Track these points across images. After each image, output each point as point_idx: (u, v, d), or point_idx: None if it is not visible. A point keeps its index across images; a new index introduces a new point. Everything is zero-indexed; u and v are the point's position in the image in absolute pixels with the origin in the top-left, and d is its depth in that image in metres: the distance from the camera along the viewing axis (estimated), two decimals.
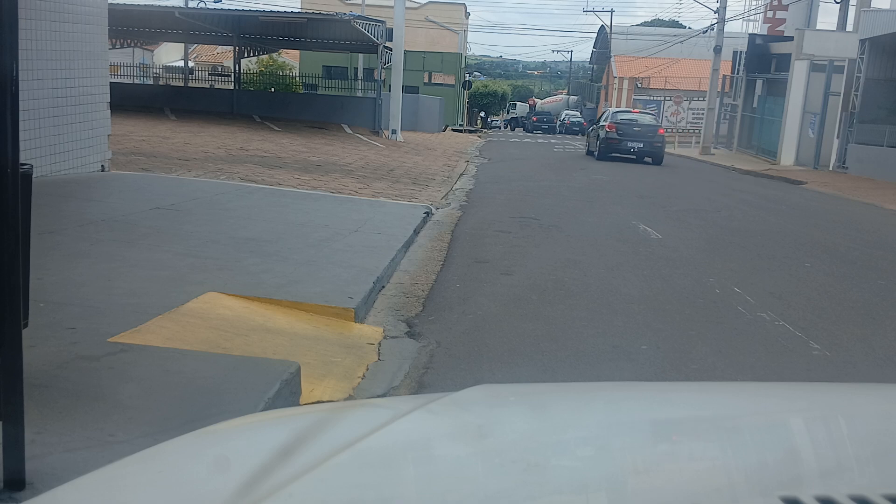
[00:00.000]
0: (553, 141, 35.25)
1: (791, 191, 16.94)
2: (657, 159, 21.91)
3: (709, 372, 4.30)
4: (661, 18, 71.99)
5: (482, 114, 55.78)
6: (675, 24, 64.06)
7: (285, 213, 7.78)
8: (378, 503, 0.80)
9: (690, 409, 1.18)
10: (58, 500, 0.89)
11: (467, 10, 49.16)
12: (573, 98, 59.63)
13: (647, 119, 23.34)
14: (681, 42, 42.82)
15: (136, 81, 32.29)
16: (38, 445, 2.43)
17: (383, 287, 5.66)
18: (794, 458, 0.95)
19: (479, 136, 35.60)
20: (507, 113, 59.76)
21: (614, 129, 21.76)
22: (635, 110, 26.64)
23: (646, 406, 1.19)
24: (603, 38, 54.06)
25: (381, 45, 23.77)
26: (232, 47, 29.12)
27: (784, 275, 6.94)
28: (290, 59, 42.64)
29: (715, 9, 29.87)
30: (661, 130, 22.85)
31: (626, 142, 21.50)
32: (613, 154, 21.87)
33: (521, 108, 57.38)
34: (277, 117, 24.46)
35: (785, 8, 29.50)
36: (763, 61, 28.47)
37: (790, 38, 25.13)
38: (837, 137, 22.57)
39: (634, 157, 21.59)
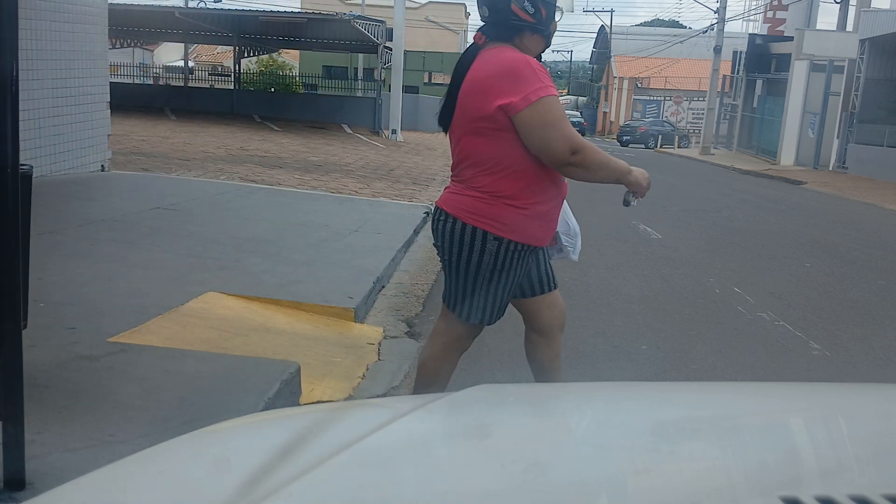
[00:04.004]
0: None
1: (791, 191, 16.94)
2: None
3: (709, 372, 4.30)
4: (661, 18, 71.97)
5: None
6: (675, 24, 64.04)
7: (285, 213, 7.79)
8: (378, 503, 0.80)
9: (690, 409, 1.18)
10: (58, 500, 0.89)
11: (467, 10, 49.14)
12: (582, 99, 59.50)
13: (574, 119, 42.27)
14: (681, 42, 42.81)
15: (136, 81, 32.31)
16: (38, 445, 2.43)
17: (383, 287, 5.66)
18: (794, 458, 0.95)
19: None
20: None
21: None
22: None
23: (646, 406, 1.19)
24: (603, 38, 54.04)
25: (381, 45, 23.76)
26: (232, 47, 29.13)
27: (784, 275, 6.94)
28: (290, 59, 42.63)
29: (715, 9, 29.88)
30: (585, 123, 42.87)
31: None
32: None
33: None
34: (277, 117, 24.47)
35: (785, 8, 29.49)
36: (763, 61, 28.47)
37: (790, 38, 25.12)
38: (837, 137, 22.58)
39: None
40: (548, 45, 2.72)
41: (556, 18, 2.70)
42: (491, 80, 2.53)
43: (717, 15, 29.74)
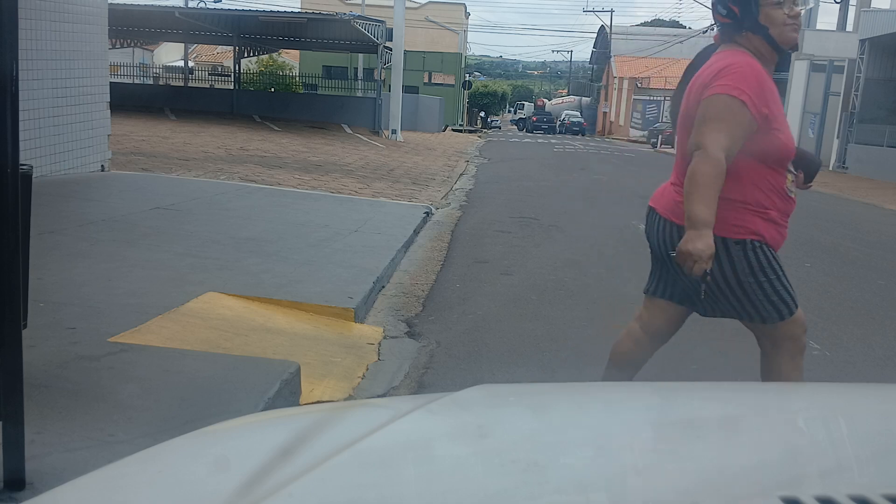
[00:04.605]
0: (553, 141, 35.26)
1: None
2: (552, 131, 46.27)
3: (709, 372, 4.30)
4: (661, 18, 71.99)
5: (482, 114, 55.82)
6: (675, 24, 64.08)
7: (285, 213, 7.79)
8: (378, 503, 0.80)
9: (690, 409, 1.18)
10: (58, 500, 0.89)
11: (467, 10, 49.20)
12: (586, 99, 59.46)
13: (550, 114, 50.17)
14: (681, 42, 42.81)
15: (136, 81, 32.30)
16: (38, 445, 2.43)
17: (383, 287, 5.66)
18: (794, 458, 0.95)
19: (479, 136, 35.60)
20: (514, 113, 59.82)
21: (535, 119, 49.10)
22: (546, 108, 54.17)
23: (646, 406, 1.19)
24: (603, 38, 54.05)
25: (381, 45, 23.77)
26: (232, 47, 29.13)
27: None
28: (290, 59, 42.63)
29: None
30: (556, 120, 48.28)
31: (540, 124, 47.32)
32: (534, 130, 46.62)
33: (529, 109, 57.42)
34: (277, 117, 24.46)
35: None
36: None
37: None
38: (837, 137, 22.59)
39: (542, 130, 46.34)
40: (773, 42, 2.61)
41: (797, 8, 2.63)
42: (707, 78, 2.53)
43: None
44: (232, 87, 28.72)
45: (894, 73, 21.51)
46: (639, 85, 47.13)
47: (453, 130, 38.08)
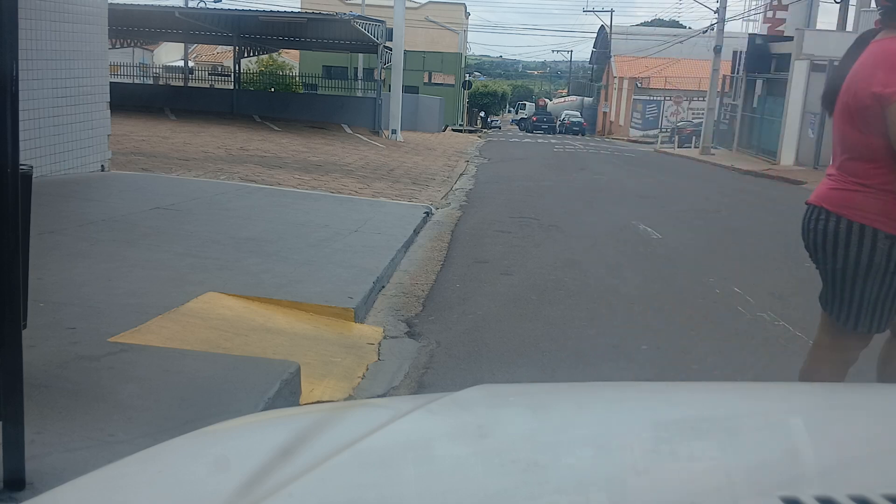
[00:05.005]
0: (553, 141, 35.25)
1: (791, 191, 16.93)
2: (552, 131, 45.61)
3: (709, 372, 4.30)
4: (661, 18, 71.98)
5: (482, 114, 55.82)
6: (675, 24, 64.07)
7: (285, 213, 7.79)
8: (378, 503, 0.80)
9: (690, 409, 1.18)
10: (58, 500, 0.89)
11: (467, 10, 49.19)
12: (587, 100, 59.37)
13: (550, 114, 50.11)
14: (681, 42, 42.77)
15: (136, 81, 32.29)
16: (38, 445, 2.43)
17: (383, 287, 5.66)
18: (794, 458, 0.95)
19: (479, 136, 35.59)
20: (516, 113, 59.86)
21: (535, 119, 48.77)
22: (546, 108, 54.59)
23: (646, 406, 1.19)
24: (603, 38, 54.02)
25: (381, 45, 23.76)
26: (232, 47, 29.12)
27: (784, 275, 6.93)
28: (290, 59, 42.63)
29: (715, 9, 29.87)
30: (556, 120, 48.17)
31: (540, 124, 46.98)
32: (534, 130, 46.28)
33: (531, 109, 57.39)
34: (277, 117, 24.46)
35: (785, 8, 29.47)
36: (763, 61, 28.43)
37: (790, 38, 25.11)
38: None
39: (542, 130, 45.85)
40: None
41: None
42: (873, 68, 2.43)
43: (717, 15, 29.71)
44: (232, 87, 28.71)
45: None
46: (639, 85, 47.08)
47: (453, 130, 38.06)
